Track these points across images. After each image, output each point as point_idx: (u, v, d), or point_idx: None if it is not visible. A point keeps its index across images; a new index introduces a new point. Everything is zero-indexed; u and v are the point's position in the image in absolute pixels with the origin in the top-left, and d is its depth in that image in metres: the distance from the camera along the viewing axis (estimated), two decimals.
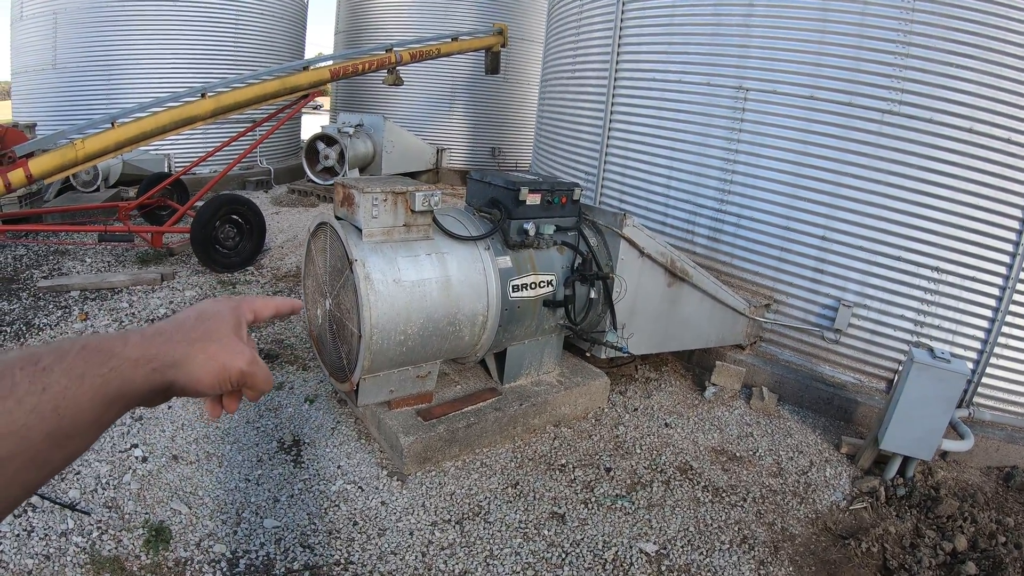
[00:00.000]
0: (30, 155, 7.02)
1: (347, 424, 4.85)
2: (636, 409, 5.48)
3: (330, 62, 9.03)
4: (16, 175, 6.81)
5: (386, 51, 9.56)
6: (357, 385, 4.28)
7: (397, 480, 4.29)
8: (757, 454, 4.98)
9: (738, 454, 4.96)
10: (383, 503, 4.10)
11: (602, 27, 7.58)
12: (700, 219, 6.44)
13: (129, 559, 3.63)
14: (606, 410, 5.41)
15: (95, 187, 11.52)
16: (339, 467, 4.40)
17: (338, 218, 4.30)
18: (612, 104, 7.35)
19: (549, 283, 4.72)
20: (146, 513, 3.97)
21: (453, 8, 15.42)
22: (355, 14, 16.96)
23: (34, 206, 10.19)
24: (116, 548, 3.71)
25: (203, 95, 7.78)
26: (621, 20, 7.18)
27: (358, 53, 9.59)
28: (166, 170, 12.19)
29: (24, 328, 6.66)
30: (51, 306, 7.22)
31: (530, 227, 4.61)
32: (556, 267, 4.78)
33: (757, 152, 5.98)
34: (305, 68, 8.74)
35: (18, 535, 3.86)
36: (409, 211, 4.17)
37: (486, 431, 4.60)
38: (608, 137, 7.43)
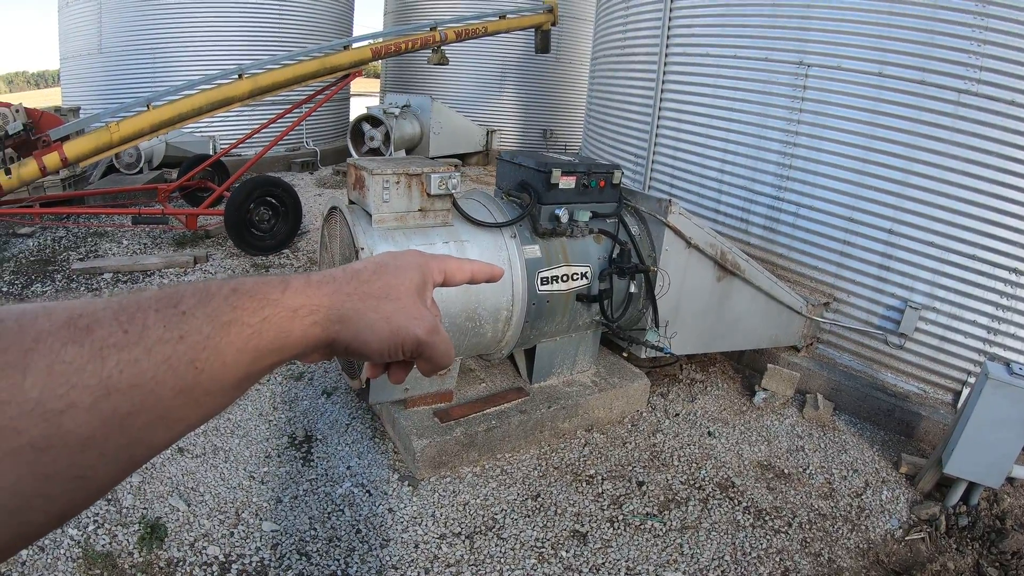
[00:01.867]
0: (66, 138, 7.04)
1: (362, 421, 4.55)
2: (678, 414, 5.03)
3: (371, 41, 8.74)
4: (51, 159, 6.90)
5: (431, 29, 9.17)
6: (367, 381, 3.95)
7: (408, 485, 3.98)
8: (807, 471, 4.51)
9: (786, 470, 4.50)
10: (390, 510, 3.81)
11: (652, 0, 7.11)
12: (756, 207, 5.95)
13: (122, 556, 3.51)
14: (644, 414, 4.98)
15: (138, 169, 11.69)
16: (348, 467, 4.12)
17: (351, 202, 3.97)
18: (663, 83, 6.88)
19: (583, 275, 4.30)
20: (144, 508, 3.81)
21: None
22: None
23: (79, 188, 10.24)
24: (110, 544, 3.59)
25: (240, 76, 7.65)
26: None
27: (400, 31, 9.26)
28: (210, 152, 12.24)
29: None
30: (82, 288, 7.25)
31: (562, 213, 4.16)
32: (592, 258, 4.36)
33: (819, 135, 5.45)
34: (346, 47, 8.47)
35: None
36: (425, 195, 3.80)
37: (509, 435, 4.24)
38: (658, 118, 6.97)
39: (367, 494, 3.91)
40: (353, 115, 15.81)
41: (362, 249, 3.57)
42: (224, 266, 7.67)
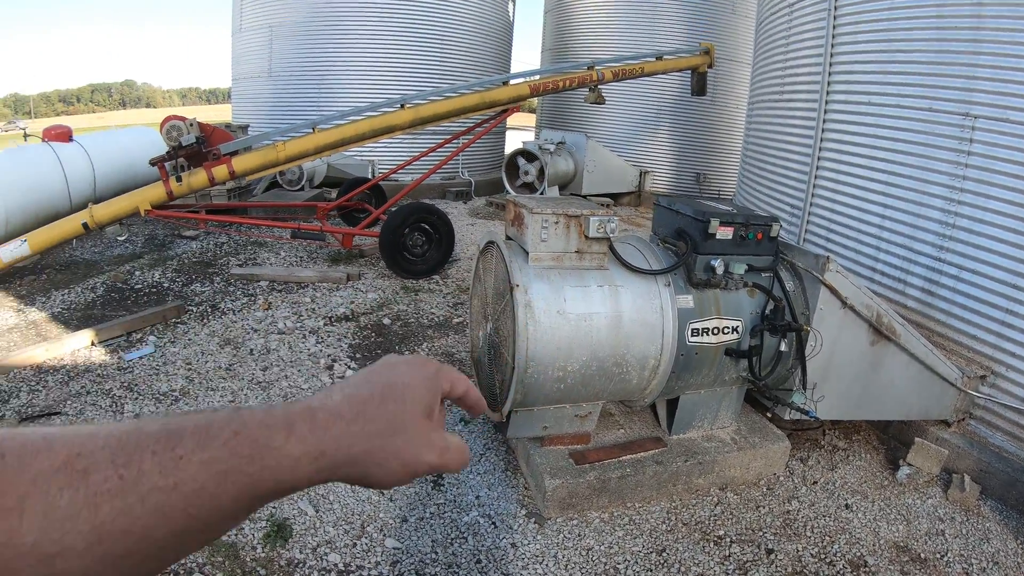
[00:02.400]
0: (234, 153, 7.58)
1: (497, 452, 4.54)
2: (815, 482, 4.80)
3: (530, 78, 8.94)
4: (220, 171, 7.47)
5: (587, 68, 9.27)
6: (508, 416, 3.94)
7: (534, 523, 3.93)
8: (945, 559, 4.21)
9: (923, 555, 4.22)
10: (513, 545, 3.77)
11: (812, 44, 6.91)
12: (914, 268, 5.64)
13: (245, 548, 3.64)
14: (781, 479, 4.77)
15: (300, 186, 12.51)
16: (477, 497, 4.11)
17: (508, 238, 3.99)
18: (822, 131, 6.65)
19: (734, 330, 4.17)
20: (274, 507, 3.94)
21: (659, 27, 15.02)
22: (560, 32, 16.99)
23: (242, 200, 11.08)
24: (236, 535, 3.73)
25: (402, 106, 7.99)
26: (833, 37, 6.48)
27: (558, 69, 9.40)
28: (369, 175, 12.85)
29: (210, 309, 7.14)
30: (239, 292, 7.70)
31: (718, 264, 4.05)
32: (744, 312, 4.22)
33: (985, 192, 5.07)
34: (504, 83, 8.70)
35: None
36: (583, 236, 3.77)
37: (642, 485, 4.14)
38: (816, 168, 6.73)
39: (492, 526, 3.89)
40: (508, 148, 16.13)
41: (517, 286, 3.56)
42: (375, 285, 7.91)
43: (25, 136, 14.78)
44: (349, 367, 5.76)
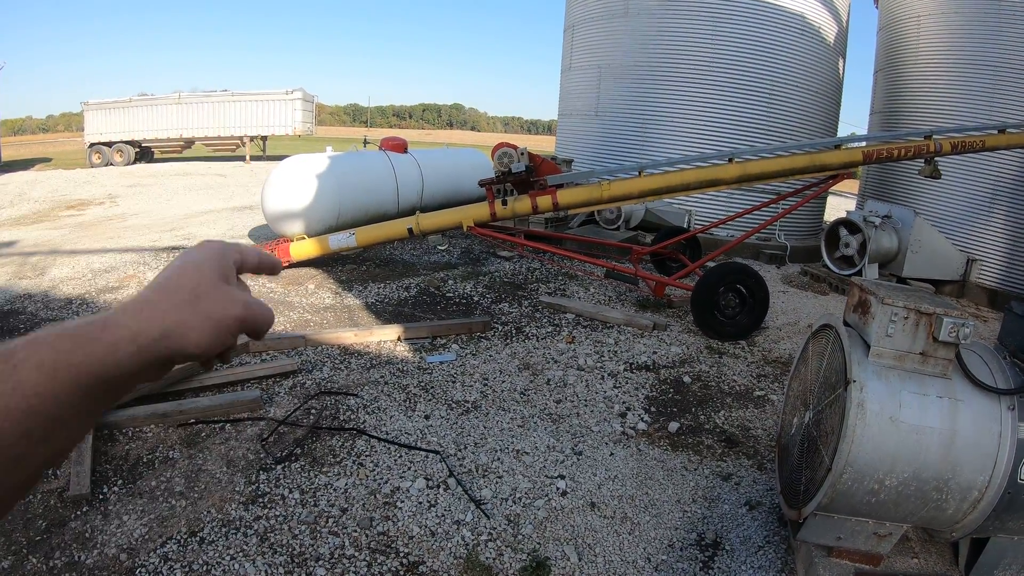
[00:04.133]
0: (559, 186, 7.90)
1: (776, 549, 4.21)
2: None
3: (863, 143, 8.50)
4: (544, 200, 7.79)
5: (924, 138, 8.55)
6: (804, 517, 3.66)
7: None
8: None
9: None
10: None
11: None
12: None
13: (499, 575, 3.64)
14: None
15: (616, 226, 12.79)
16: None
17: (846, 323, 3.70)
18: None
19: None
20: (538, 542, 3.93)
21: (1003, 94, 13.46)
22: (892, 94, 15.82)
23: (558, 231, 11.51)
24: (494, 560, 3.76)
25: (730, 160, 7.91)
26: None
27: (893, 136, 8.79)
28: (685, 225, 12.92)
29: (514, 331, 7.39)
30: (544, 320, 7.94)
31: None
32: None
33: None
34: (837, 147, 8.32)
35: (420, 503, 4.20)
36: (932, 338, 3.42)
37: None
38: None
39: None
40: (827, 215, 15.42)
41: (854, 382, 3.30)
42: (680, 340, 7.80)
43: (365, 143, 16.29)
44: (642, 419, 5.66)
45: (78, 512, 3.90)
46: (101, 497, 4.01)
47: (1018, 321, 3.95)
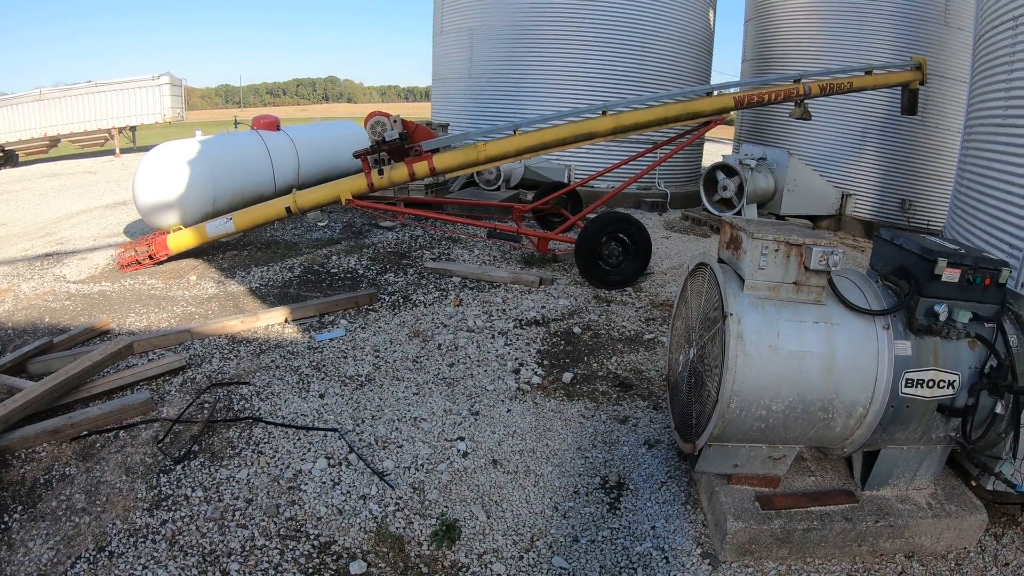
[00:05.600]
0: (435, 151, 7.89)
1: (678, 483, 4.35)
2: (1008, 564, 4.31)
3: (735, 89, 8.70)
4: (421, 167, 7.78)
5: (794, 82, 8.88)
6: (699, 449, 3.77)
7: (708, 564, 3.72)
8: None
9: None
10: None
11: None
12: None
13: (411, 543, 3.70)
14: (971, 555, 4.32)
15: (496, 187, 12.91)
16: (653, 527, 3.95)
17: (720, 261, 3.81)
18: None
19: (950, 384, 3.80)
20: (445, 506, 3.98)
21: (866, 38, 14.08)
22: (762, 42, 16.39)
23: (438, 195, 11.57)
24: (404, 529, 3.80)
25: (604, 112, 8.01)
26: None
27: (763, 82, 9.07)
28: (565, 180, 13.07)
29: (402, 300, 7.39)
30: (431, 286, 7.93)
31: (942, 310, 3.69)
32: (963, 366, 3.83)
33: None
34: (708, 94, 8.52)
35: (324, 483, 4.18)
36: (803, 268, 3.55)
37: (826, 541, 3.85)
38: None
39: (664, 560, 3.72)
40: (705, 161, 15.84)
41: (731, 315, 3.40)
42: (567, 292, 7.94)
43: (235, 123, 15.77)
44: (536, 373, 5.74)
45: None
46: (3, 527, 3.80)
47: (887, 246, 4.13)
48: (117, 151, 29.49)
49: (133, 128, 31.16)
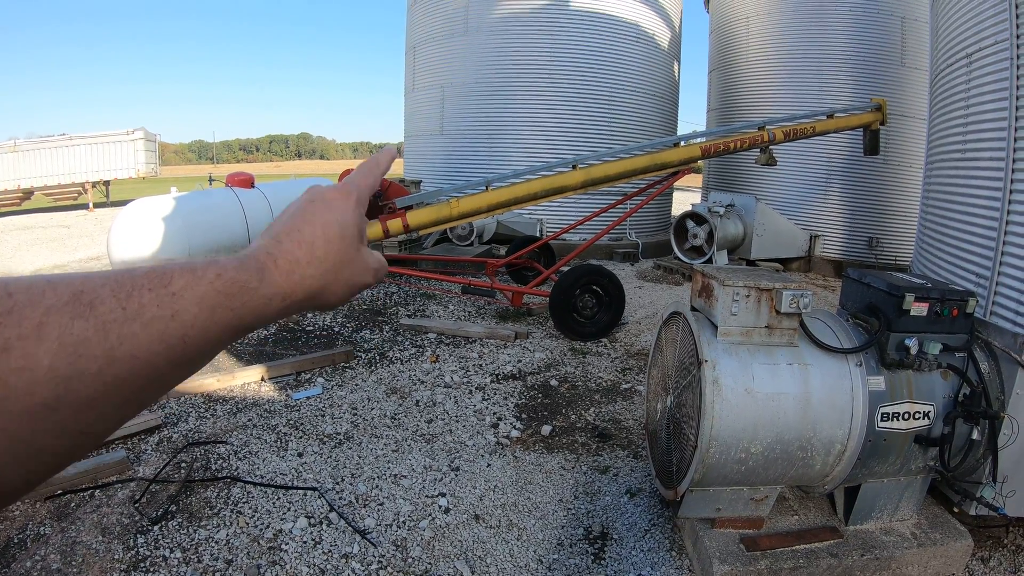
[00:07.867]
0: (409, 208, 7.85)
1: (662, 530, 4.34)
2: None
3: (702, 139, 8.88)
4: (394, 224, 7.67)
5: (759, 129, 9.07)
6: (681, 495, 3.78)
7: None
8: None
9: None
10: None
11: (995, 98, 6.33)
12: None
13: None
14: None
15: (469, 242, 12.99)
16: (639, 575, 3.92)
17: (693, 309, 3.87)
18: (1011, 192, 6.15)
19: (926, 415, 3.86)
20: (429, 563, 3.93)
21: (827, 83, 14.51)
22: (726, 91, 16.82)
23: (412, 252, 11.65)
24: None
25: (574, 166, 8.09)
26: (1017, 89, 6.00)
27: (729, 130, 9.25)
28: (538, 234, 13.18)
29: (378, 357, 7.37)
30: (407, 343, 7.96)
31: (912, 343, 3.75)
32: (937, 396, 3.89)
33: None
34: (675, 145, 8.64)
35: (305, 541, 4.12)
36: (774, 311, 3.61)
37: None
38: (1005, 234, 6.23)
39: None
40: (675, 210, 16.07)
41: (706, 361, 3.43)
42: (543, 345, 7.99)
43: (210, 180, 15.80)
44: (514, 426, 5.73)
45: None
46: None
47: (855, 285, 4.22)
48: (90, 205, 29.28)
49: (107, 182, 30.98)
